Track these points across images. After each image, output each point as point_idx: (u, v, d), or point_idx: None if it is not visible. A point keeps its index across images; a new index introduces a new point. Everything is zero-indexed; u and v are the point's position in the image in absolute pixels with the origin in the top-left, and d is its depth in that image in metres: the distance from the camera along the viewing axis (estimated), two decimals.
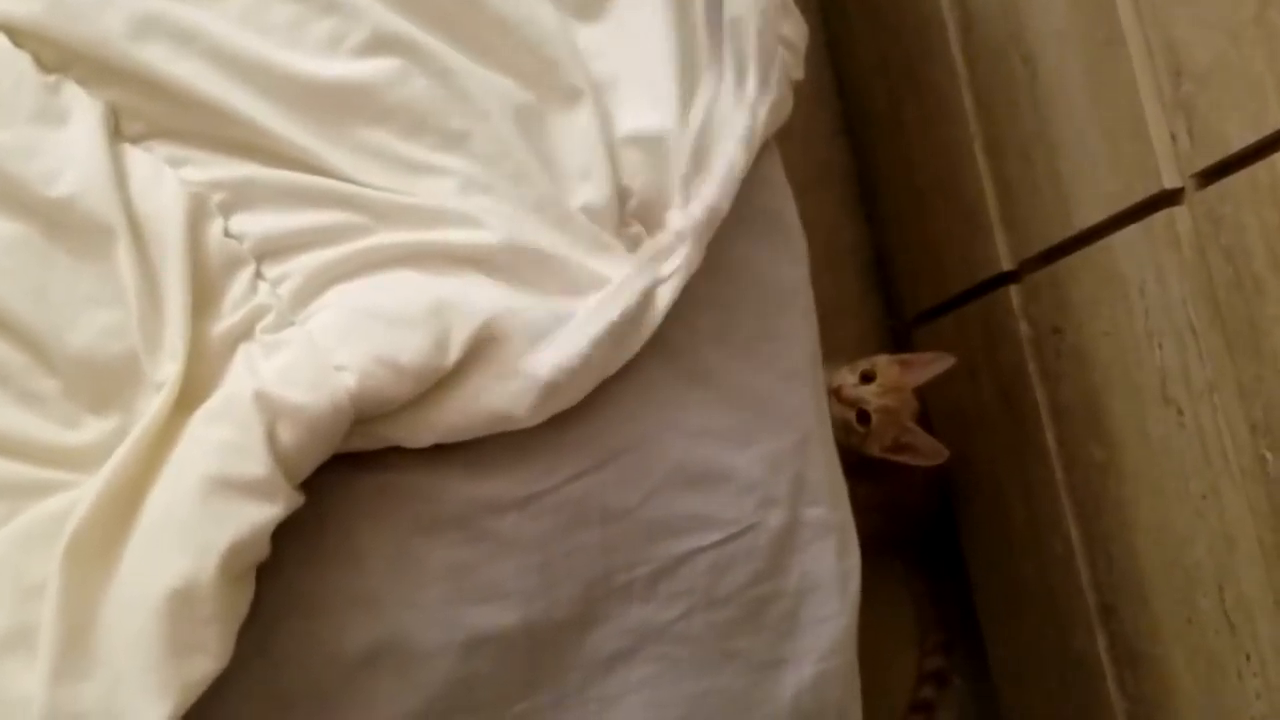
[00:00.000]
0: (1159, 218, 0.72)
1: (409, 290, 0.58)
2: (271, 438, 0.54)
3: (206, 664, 0.51)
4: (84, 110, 0.59)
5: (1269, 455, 0.67)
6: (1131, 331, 0.78)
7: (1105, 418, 0.84)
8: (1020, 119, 0.90)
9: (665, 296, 0.61)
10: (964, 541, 1.10)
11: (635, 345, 0.61)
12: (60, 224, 0.57)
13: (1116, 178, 0.76)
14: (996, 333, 0.98)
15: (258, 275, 0.58)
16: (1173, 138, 0.70)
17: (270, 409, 0.54)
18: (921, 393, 0.99)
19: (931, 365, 0.95)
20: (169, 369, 0.55)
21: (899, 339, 1.21)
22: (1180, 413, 0.74)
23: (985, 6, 0.94)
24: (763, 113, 0.68)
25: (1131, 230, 0.76)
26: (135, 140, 0.60)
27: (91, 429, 0.56)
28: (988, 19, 0.93)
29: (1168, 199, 0.71)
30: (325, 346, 0.56)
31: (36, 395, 0.56)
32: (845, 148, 1.23)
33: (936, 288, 1.10)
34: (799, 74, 0.72)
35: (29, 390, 0.56)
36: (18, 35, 0.59)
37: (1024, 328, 0.95)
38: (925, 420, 1.01)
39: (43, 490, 0.55)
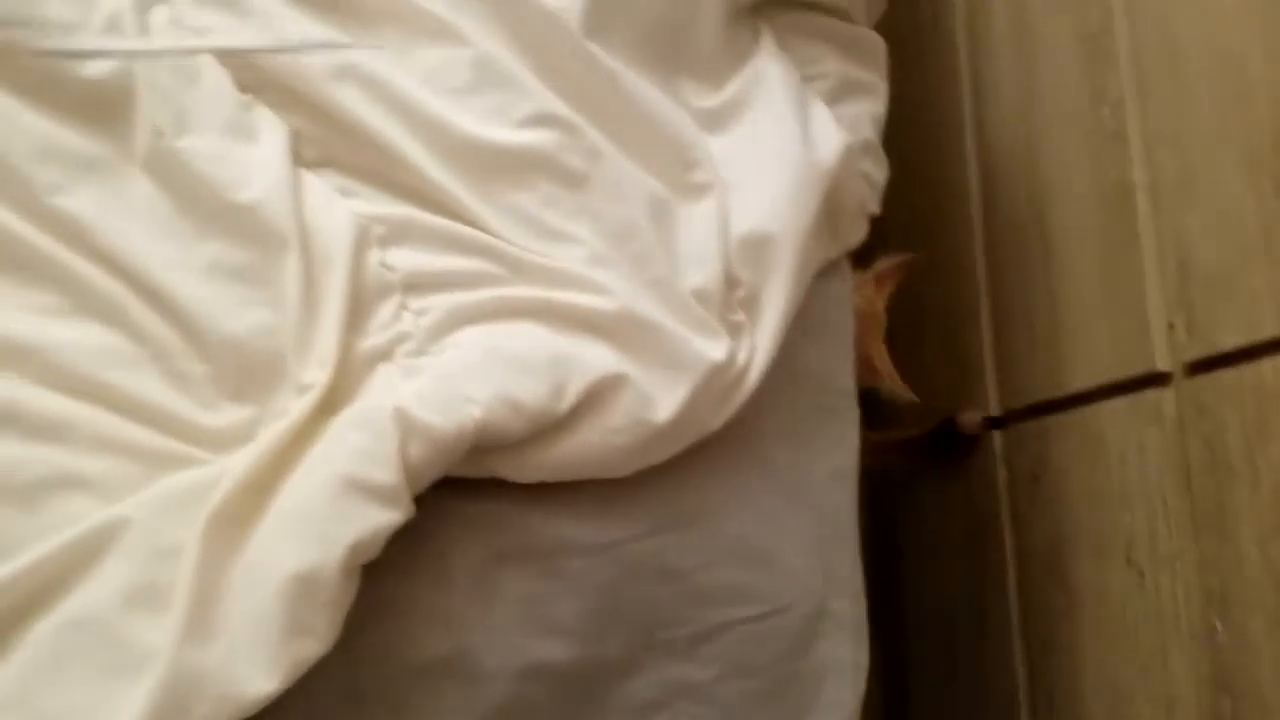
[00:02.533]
0: (1147, 395, 0.78)
1: (533, 340, 0.64)
2: (403, 451, 0.59)
3: (314, 646, 0.56)
4: (272, 130, 0.65)
5: (1219, 625, 0.71)
6: (1106, 493, 0.84)
7: (1069, 568, 0.90)
8: (1029, 286, 0.96)
9: (752, 378, 0.69)
10: (910, 671, 1.15)
11: (720, 418, 0.68)
12: (236, 228, 0.62)
13: (1113, 353, 0.83)
14: (975, 472, 1.03)
15: (403, 305, 0.64)
16: (1170, 326, 0.76)
17: (406, 425, 0.59)
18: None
19: (898, 267, 0.96)
20: (317, 374, 0.61)
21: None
22: (1141, 575, 0.79)
23: (1011, 187, 1.01)
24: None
25: (1119, 402, 0.82)
26: (310, 166, 0.66)
27: (228, 415, 0.61)
28: (1012, 197, 1.01)
29: (1157, 380, 0.77)
30: (457, 378, 0.62)
31: (185, 375, 0.61)
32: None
33: (920, 419, 1.17)
34: (875, 208, 0.82)
35: (180, 370, 0.61)
36: (223, 55, 0.65)
37: (1003, 472, 1.00)
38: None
39: (176, 462, 0.59)
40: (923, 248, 1.16)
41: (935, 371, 1.12)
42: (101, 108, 0.62)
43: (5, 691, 0.52)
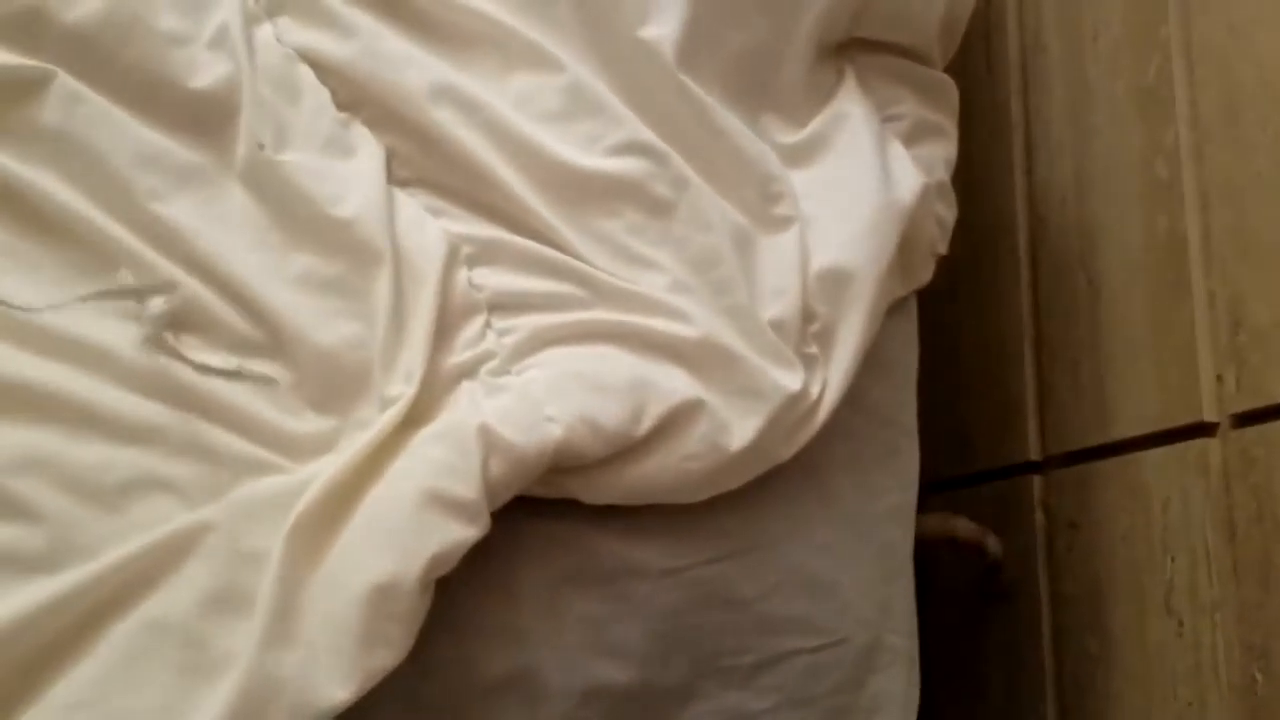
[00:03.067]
0: (1193, 445, 0.78)
1: (614, 364, 0.65)
2: (484, 467, 0.60)
3: (388, 657, 0.56)
4: (368, 148, 0.66)
5: (1259, 676, 0.71)
6: (1147, 541, 0.83)
7: (1106, 615, 0.89)
8: (1075, 330, 0.96)
9: (824, 411, 0.69)
10: (938, 703, 1.14)
11: (791, 449, 0.69)
12: (330, 241, 0.63)
13: (1159, 401, 0.83)
14: (1011, 516, 1.03)
15: (488, 324, 0.65)
16: (1219, 379, 0.76)
17: (488, 442, 0.60)
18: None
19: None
20: (402, 388, 0.62)
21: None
22: (1181, 624, 0.79)
23: (1061, 228, 1.02)
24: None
25: (1164, 451, 0.81)
26: (403, 184, 0.67)
27: (311, 423, 0.62)
28: (1061, 238, 1.01)
29: (1204, 430, 0.77)
30: (538, 399, 0.63)
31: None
32: None
33: (959, 460, 1.15)
34: (944, 249, 0.83)
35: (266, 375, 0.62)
36: (322, 71, 0.67)
37: (1040, 518, 0.99)
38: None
39: (258, 468, 0.60)
40: (968, 288, 1.16)
41: (976, 414, 1.13)
42: (205, 118, 0.64)
43: (83, 690, 0.52)
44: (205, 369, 0.61)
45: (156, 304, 0.61)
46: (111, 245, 0.61)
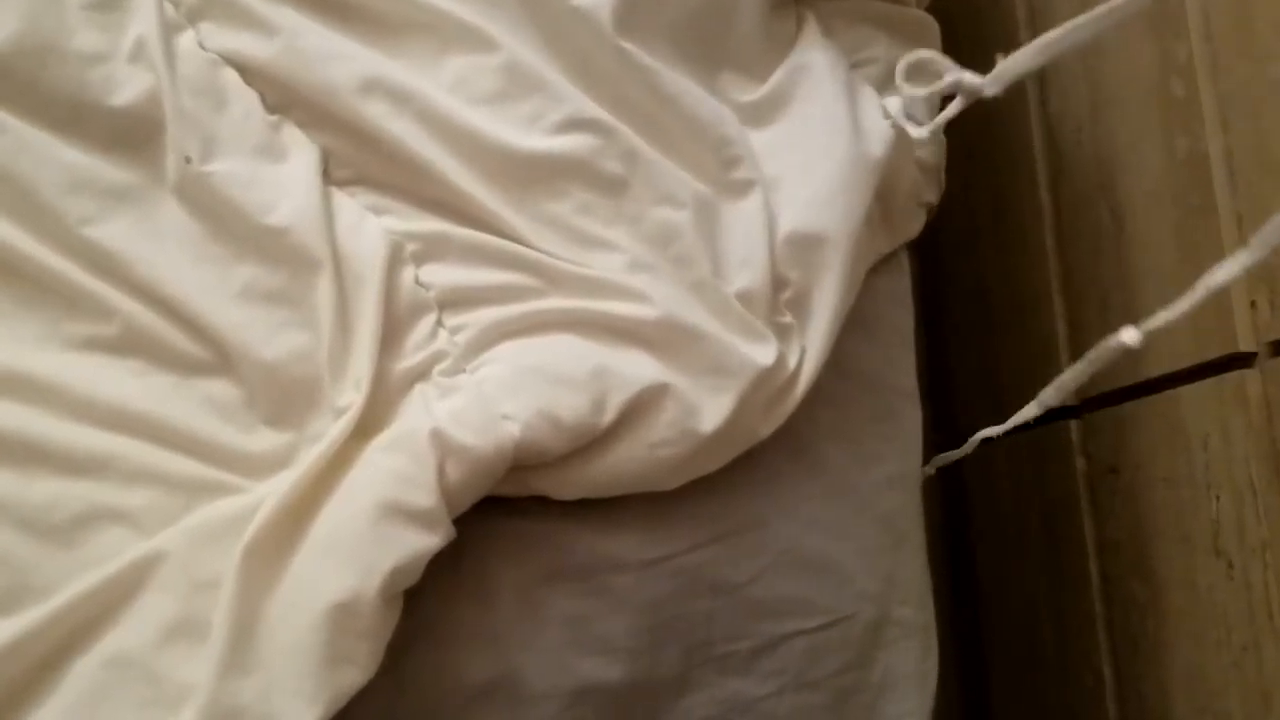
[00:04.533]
0: (1230, 378, 0.75)
1: (572, 353, 0.62)
2: (441, 473, 0.58)
3: (355, 676, 0.55)
4: (301, 151, 0.64)
5: None
6: (1190, 481, 0.80)
7: (1152, 559, 0.87)
8: (1101, 266, 0.94)
9: (803, 382, 0.66)
10: (988, 657, 1.12)
11: (771, 426, 0.65)
12: (269, 251, 0.61)
13: (1192, 335, 0.79)
14: (1050, 464, 1.01)
15: (439, 323, 0.63)
16: (1252, 305, 0.73)
17: (443, 447, 0.58)
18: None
19: None
20: (352, 397, 0.60)
21: (947, 447, 1.24)
22: (1230, 565, 0.76)
23: (1078, 157, 0.98)
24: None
25: (1201, 386, 0.78)
26: (341, 185, 0.65)
27: (265, 440, 0.61)
28: (1080, 169, 0.98)
29: (1240, 361, 0.74)
30: (494, 396, 0.60)
31: (223, 402, 0.60)
32: (912, 256, 1.27)
33: (993, 411, 1.14)
34: (933, 198, 0.78)
35: (215, 395, 0.60)
36: (248, 74, 0.65)
37: (1080, 463, 0.97)
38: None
39: (214, 490, 0.59)
40: (988, 227, 1.12)
41: (1005, 356, 1.09)
42: (130, 136, 0.62)
43: None
44: None
45: None
46: (49, 275, 0.60)
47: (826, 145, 0.69)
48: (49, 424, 0.58)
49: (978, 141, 1.15)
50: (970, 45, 1.02)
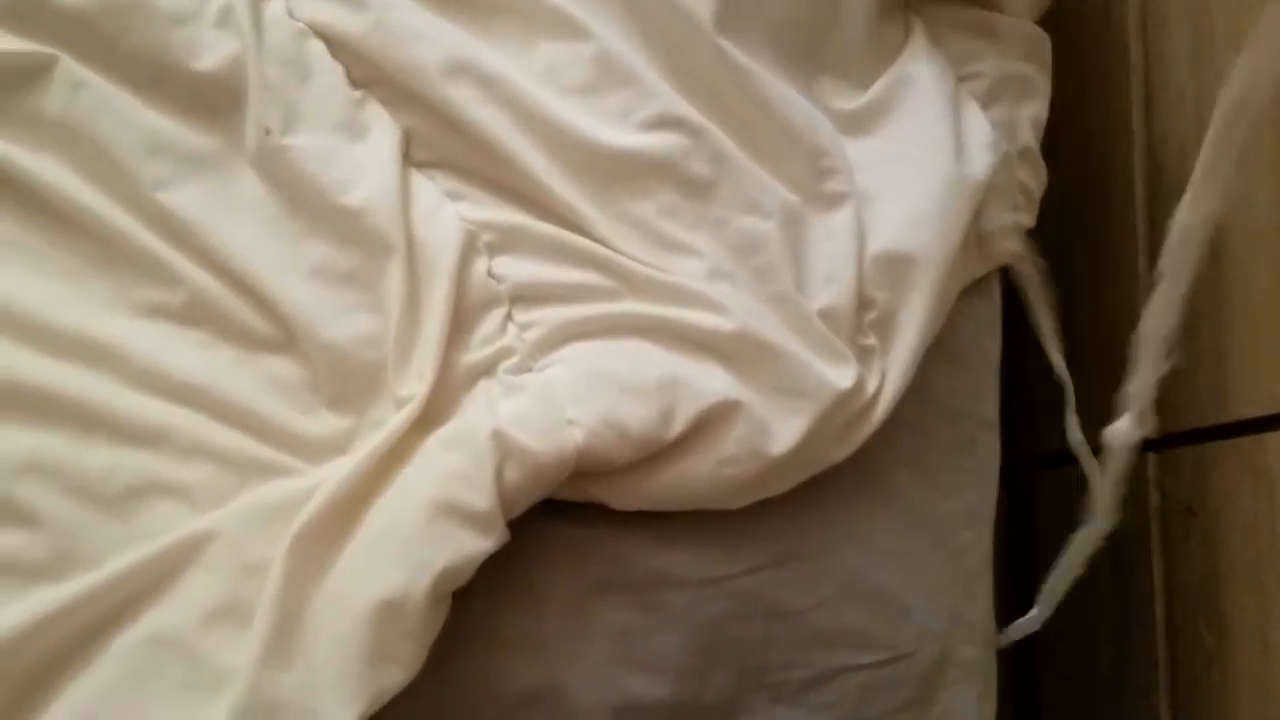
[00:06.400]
0: None
1: (643, 361, 0.60)
2: (499, 475, 0.56)
3: (397, 675, 0.53)
4: (383, 129, 0.62)
5: None
6: (1271, 529, 0.77)
7: (1223, 606, 0.83)
8: (1196, 296, 0.90)
9: (881, 408, 0.63)
10: (1042, 696, 1.09)
11: (845, 451, 0.63)
12: (343, 231, 0.60)
13: None
14: (1125, 496, 0.98)
15: (508, 318, 0.61)
16: None
17: (503, 448, 0.56)
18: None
19: None
20: (415, 387, 0.58)
21: (1019, 475, 1.21)
22: None
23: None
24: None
25: None
26: (421, 166, 0.63)
27: (325, 424, 0.59)
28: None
29: None
30: (560, 400, 0.58)
31: (285, 380, 0.59)
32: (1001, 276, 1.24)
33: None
34: (1030, 222, 0.74)
35: (277, 373, 0.59)
36: (335, 48, 0.63)
37: (1155, 498, 0.94)
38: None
39: (269, 470, 0.58)
40: (1082, 249, 1.08)
41: (1088, 384, 1.06)
42: (211, 102, 0.61)
43: (86, 705, 0.51)
44: None
45: None
46: (120, 237, 0.59)
47: (926, 162, 0.65)
48: (110, 391, 0.57)
49: (1073, 154, 1.11)
50: (1080, 57, 0.98)
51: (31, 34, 0.59)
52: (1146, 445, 0.93)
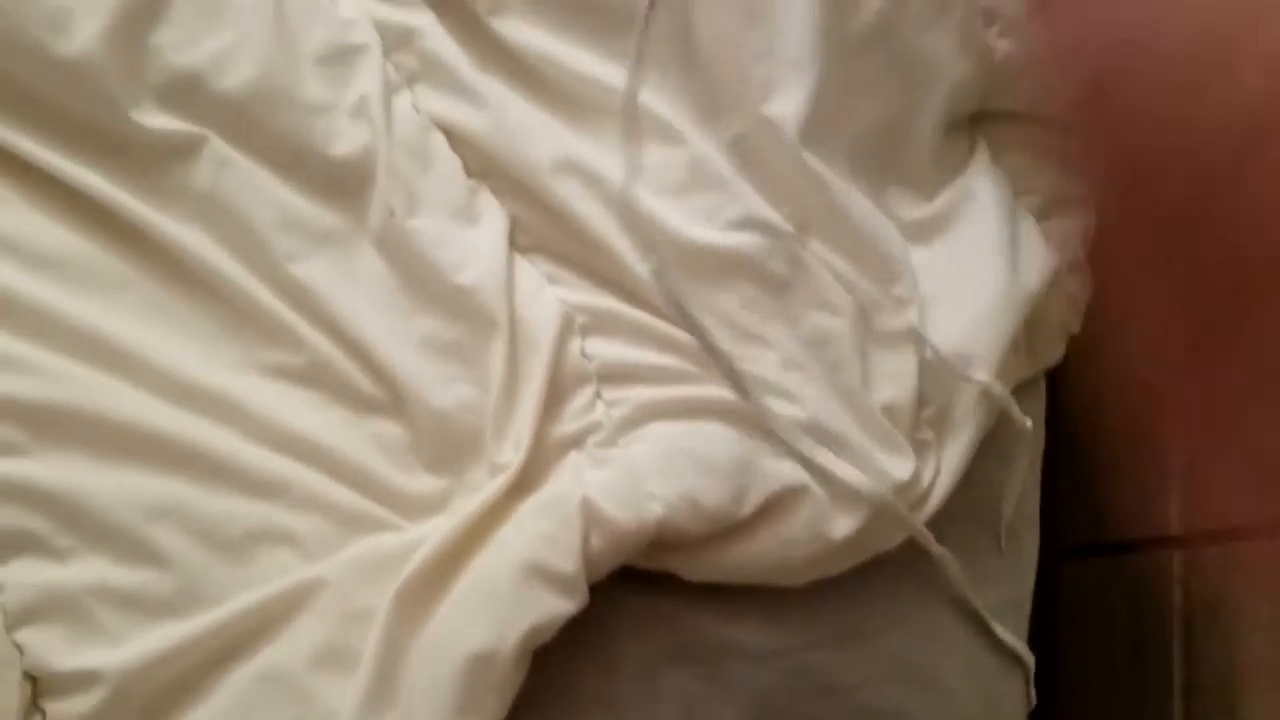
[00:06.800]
0: None
1: (720, 442, 0.65)
2: (585, 541, 0.61)
3: None
4: (493, 216, 0.68)
5: None
6: None
7: (1244, 711, 0.86)
8: None
9: (934, 500, 0.68)
10: None
11: (898, 538, 0.67)
12: (452, 307, 0.65)
13: None
14: (1146, 593, 0.99)
15: (597, 395, 0.66)
16: None
17: (590, 517, 0.61)
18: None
19: None
20: (510, 456, 0.63)
21: (1042, 564, 1.24)
22: None
23: None
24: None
25: None
26: (523, 250, 0.69)
27: (424, 483, 0.64)
28: None
29: None
30: (643, 474, 0.63)
31: (390, 441, 0.64)
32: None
33: (1093, 525, 1.13)
34: (1076, 327, 0.79)
35: (383, 434, 0.64)
36: (454, 140, 0.69)
37: (1178, 597, 0.96)
38: None
39: (373, 524, 0.63)
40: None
41: (1114, 477, 1.08)
42: (343, 184, 0.66)
43: None
44: None
45: None
46: (251, 303, 0.65)
47: (984, 272, 0.71)
48: (235, 443, 0.62)
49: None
50: None
51: (186, 114, 0.65)
52: (1171, 543, 0.96)
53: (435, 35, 0.70)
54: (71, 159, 0.66)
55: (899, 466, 0.66)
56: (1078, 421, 1.18)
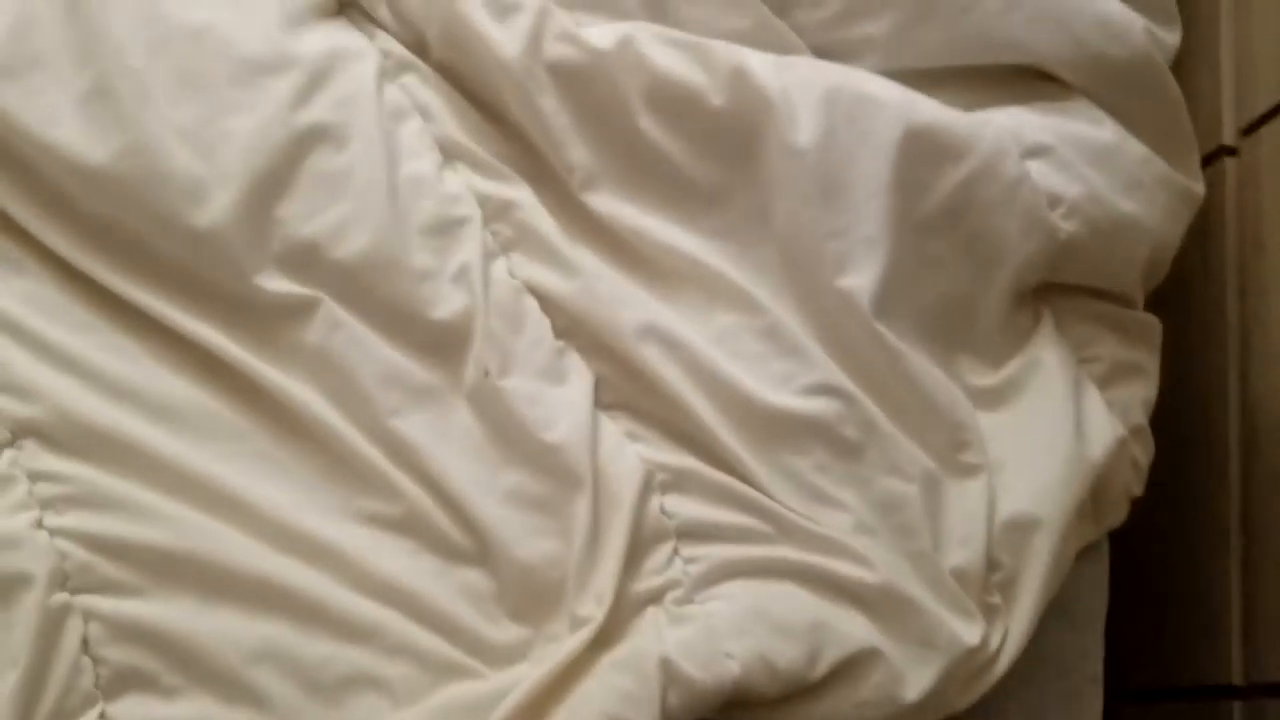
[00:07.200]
0: None
1: (795, 604, 0.67)
2: (663, 699, 0.63)
3: None
4: (579, 375, 0.73)
5: None
6: None
7: None
8: None
9: (1002, 664, 0.69)
10: None
11: (966, 701, 0.69)
12: (539, 463, 0.69)
13: None
14: None
15: (675, 551, 0.69)
16: None
17: (668, 675, 0.64)
18: None
19: None
20: (592, 609, 0.66)
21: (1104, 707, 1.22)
22: None
23: (1275, 443, 0.99)
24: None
25: None
26: (606, 409, 0.73)
27: (507, 632, 0.67)
28: (1276, 453, 0.98)
29: None
30: (720, 633, 0.66)
31: (477, 590, 0.67)
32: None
33: (1157, 671, 1.11)
34: (1138, 491, 0.81)
35: (470, 583, 0.68)
36: (545, 303, 0.74)
37: None
38: None
39: (458, 671, 0.65)
40: (1171, 495, 1.12)
41: (1174, 626, 1.08)
42: (442, 345, 0.71)
43: None
44: None
45: None
46: (353, 454, 0.69)
47: (1051, 440, 0.74)
48: (331, 587, 0.66)
49: (1170, 408, 1.16)
50: (1178, 318, 1.05)
51: (304, 279, 0.71)
52: (1232, 693, 0.96)
53: (531, 207, 0.75)
54: (193, 316, 0.71)
55: (968, 631, 0.68)
56: (1134, 562, 1.18)
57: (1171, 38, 0.82)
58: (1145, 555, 1.16)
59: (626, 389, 0.73)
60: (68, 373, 0.69)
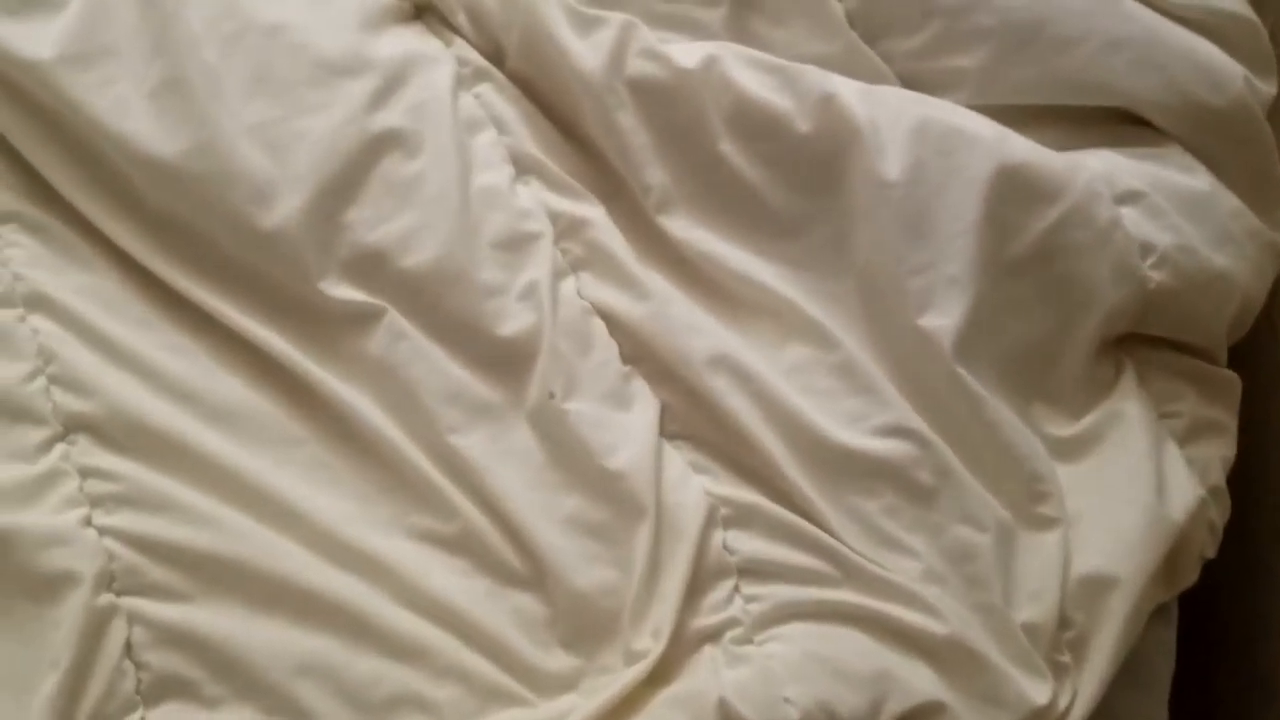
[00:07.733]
0: None
1: (858, 651, 0.65)
2: None
3: None
4: (645, 402, 0.71)
5: None
6: None
7: None
8: None
9: None
10: None
11: None
12: (600, 489, 0.67)
13: None
14: None
15: (736, 589, 0.67)
16: None
17: (725, 716, 0.61)
18: None
19: None
20: (648, 642, 0.64)
21: None
22: None
23: None
24: None
25: None
26: (669, 437, 0.71)
27: (558, 661, 0.65)
28: None
29: None
30: (779, 677, 0.63)
31: (529, 616, 0.65)
32: None
33: None
34: (1212, 553, 0.78)
35: (522, 608, 0.65)
36: (613, 326, 0.72)
37: None
38: None
39: (504, 697, 0.63)
40: (1237, 569, 1.09)
41: (1226, 688, 1.05)
42: (506, 362, 0.70)
43: None
44: None
45: None
46: (409, 468, 0.67)
47: (1130, 496, 0.71)
48: (381, 604, 0.64)
49: (1240, 471, 1.13)
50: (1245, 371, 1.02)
51: (369, 287, 0.70)
52: None
53: (603, 226, 0.74)
54: (254, 318, 0.70)
55: (1037, 690, 0.65)
56: (1193, 634, 1.15)
57: (1269, 88, 0.80)
58: (1207, 619, 1.13)
59: (693, 419, 0.71)
60: (125, 369, 0.68)
